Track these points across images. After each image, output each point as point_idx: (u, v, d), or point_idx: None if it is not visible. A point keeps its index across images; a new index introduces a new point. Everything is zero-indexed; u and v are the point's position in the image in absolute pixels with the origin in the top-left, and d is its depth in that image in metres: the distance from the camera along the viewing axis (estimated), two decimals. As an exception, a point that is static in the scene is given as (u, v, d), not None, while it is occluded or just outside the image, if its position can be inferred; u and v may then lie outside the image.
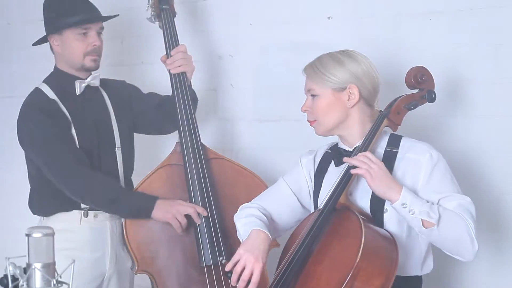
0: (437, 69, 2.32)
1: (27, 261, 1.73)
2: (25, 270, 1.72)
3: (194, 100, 2.86)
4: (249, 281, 2.05)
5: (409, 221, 2.02)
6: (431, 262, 2.19)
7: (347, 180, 2.11)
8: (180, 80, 2.77)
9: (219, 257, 2.39)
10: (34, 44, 2.82)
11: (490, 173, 2.59)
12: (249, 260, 2.05)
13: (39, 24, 3.43)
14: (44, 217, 2.72)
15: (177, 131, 2.76)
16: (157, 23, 2.88)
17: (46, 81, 2.75)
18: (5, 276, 1.72)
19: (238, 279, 2.06)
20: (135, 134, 2.92)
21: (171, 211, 2.58)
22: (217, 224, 2.62)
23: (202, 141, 2.75)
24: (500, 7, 2.55)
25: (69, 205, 2.67)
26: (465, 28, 2.62)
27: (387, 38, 2.78)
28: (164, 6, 2.84)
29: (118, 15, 2.84)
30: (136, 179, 2.82)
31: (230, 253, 2.55)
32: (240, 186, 2.69)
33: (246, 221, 2.20)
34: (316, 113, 2.17)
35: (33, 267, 1.71)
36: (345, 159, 2.11)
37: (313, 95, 2.18)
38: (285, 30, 3.03)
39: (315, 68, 2.17)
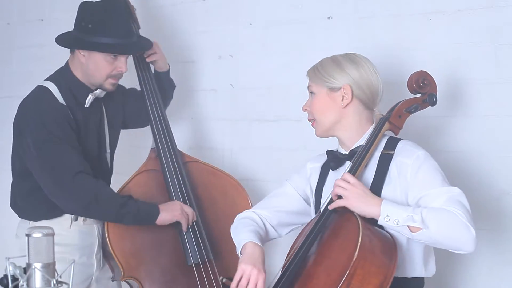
0: (436, 69, 2.32)
1: (27, 261, 1.73)
2: (25, 270, 1.72)
3: (168, 92, 2.90)
4: None
5: (399, 231, 2.01)
6: (433, 265, 2.18)
7: None
8: (147, 83, 2.80)
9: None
10: (59, 44, 2.64)
11: (490, 173, 2.58)
12: (252, 273, 2.08)
13: (39, 24, 3.43)
14: (32, 221, 2.62)
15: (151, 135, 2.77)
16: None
17: (53, 80, 2.62)
18: (5, 276, 1.72)
19: None
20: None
21: (177, 210, 2.59)
22: (200, 224, 2.67)
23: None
24: (500, 7, 2.55)
25: (59, 211, 2.59)
26: (465, 28, 2.61)
27: (387, 38, 2.78)
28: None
29: (151, 43, 2.81)
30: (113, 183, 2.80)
31: (214, 251, 2.65)
32: (217, 187, 2.76)
33: (239, 230, 2.25)
34: (314, 112, 2.24)
35: (33, 267, 1.71)
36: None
37: (311, 93, 2.26)
38: (285, 30, 3.03)
39: (315, 69, 2.26)
